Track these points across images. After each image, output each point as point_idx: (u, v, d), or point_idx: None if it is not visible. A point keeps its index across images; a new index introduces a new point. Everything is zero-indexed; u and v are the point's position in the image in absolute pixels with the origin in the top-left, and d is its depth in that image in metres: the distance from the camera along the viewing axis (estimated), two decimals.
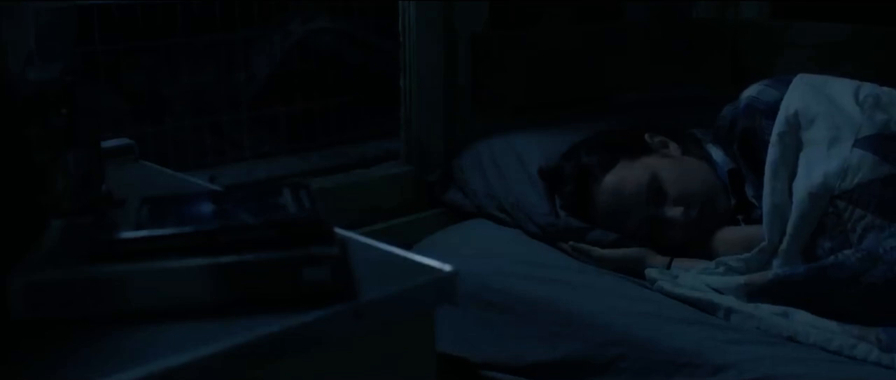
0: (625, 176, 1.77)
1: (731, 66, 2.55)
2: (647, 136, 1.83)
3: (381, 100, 2.22)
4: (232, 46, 2.11)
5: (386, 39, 2.19)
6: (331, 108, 2.21)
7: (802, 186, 1.58)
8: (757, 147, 1.70)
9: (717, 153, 1.81)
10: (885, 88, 1.72)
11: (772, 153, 1.64)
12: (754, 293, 1.55)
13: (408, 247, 1.32)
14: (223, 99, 2.14)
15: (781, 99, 1.70)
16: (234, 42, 2.10)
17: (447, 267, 0.89)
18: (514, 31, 2.30)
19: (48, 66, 1.02)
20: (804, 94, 1.68)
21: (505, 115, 2.24)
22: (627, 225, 1.77)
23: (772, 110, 1.69)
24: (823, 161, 1.58)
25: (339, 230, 0.92)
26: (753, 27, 2.57)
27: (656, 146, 1.81)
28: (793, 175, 1.62)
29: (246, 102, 2.19)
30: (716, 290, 1.60)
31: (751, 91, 1.76)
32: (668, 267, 1.71)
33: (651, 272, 1.68)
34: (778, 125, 1.65)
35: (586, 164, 1.81)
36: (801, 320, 1.49)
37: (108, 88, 1.91)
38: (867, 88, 1.70)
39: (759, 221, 1.65)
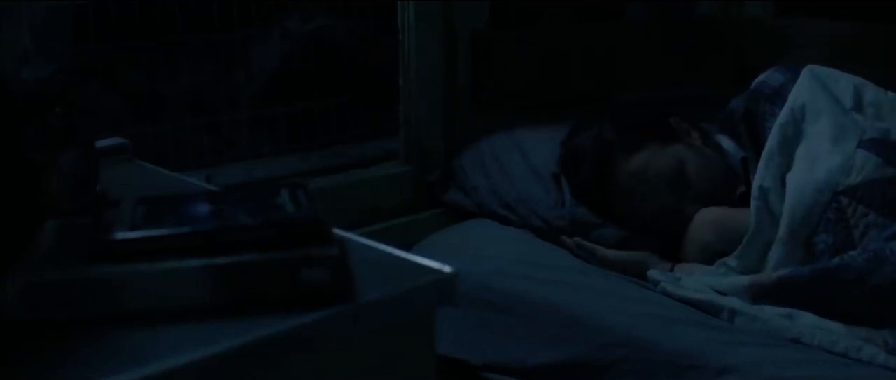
0: (652, 160, 1.75)
1: (733, 66, 2.54)
2: (672, 120, 1.81)
3: (381, 99, 2.21)
4: (231, 46, 2.10)
5: (386, 38, 2.18)
6: (330, 107, 2.20)
7: (803, 177, 1.58)
8: (758, 131, 1.71)
9: (726, 142, 1.81)
10: (891, 94, 1.72)
11: (770, 141, 1.65)
12: (759, 295, 1.54)
13: (407, 248, 1.31)
14: (222, 98, 2.13)
15: (786, 84, 1.71)
16: (233, 41, 2.09)
17: (447, 268, 0.89)
18: (514, 31, 2.29)
19: (44, 66, 1.01)
20: (812, 88, 1.68)
21: (505, 114, 2.23)
22: (641, 209, 1.76)
23: (776, 95, 1.71)
24: (827, 156, 1.58)
25: (337, 231, 0.91)
26: (757, 26, 2.56)
27: (682, 133, 1.80)
28: (787, 165, 1.62)
29: (245, 101, 2.18)
30: (719, 292, 1.59)
31: (761, 76, 1.78)
32: (671, 271, 1.70)
33: (654, 274, 1.67)
34: (782, 116, 1.66)
35: (610, 140, 1.79)
36: (806, 322, 1.48)
37: (105, 88, 1.90)
38: (870, 95, 1.70)
39: None
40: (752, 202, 1.62)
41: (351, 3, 2.31)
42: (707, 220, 1.70)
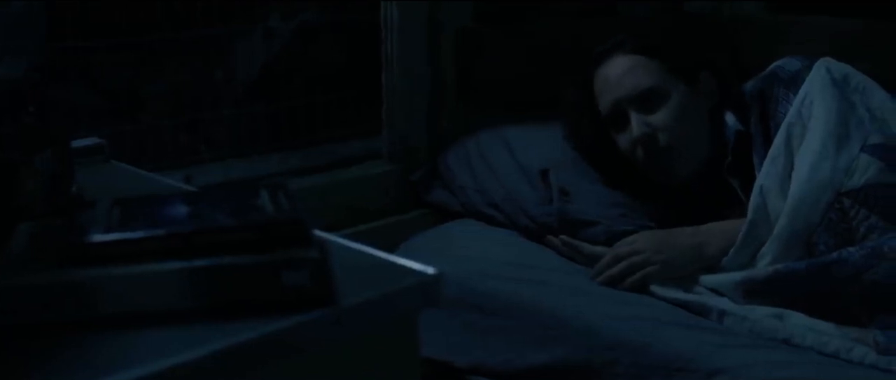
0: (642, 66, 1.76)
1: (728, 64, 2.52)
2: (704, 74, 1.80)
3: (365, 97, 2.19)
4: (212, 43, 2.08)
5: (367, 35, 2.16)
6: (312, 106, 2.18)
7: (807, 175, 1.57)
8: (769, 113, 1.71)
9: (729, 117, 1.79)
10: None
11: (776, 140, 1.64)
12: (752, 291, 1.54)
13: (391, 249, 1.29)
14: (204, 97, 2.11)
15: (801, 72, 1.71)
16: (214, 39, 2.07)
17: (431, 270, 0.88)
18: (502, 27, 2.27)
19: (18, 63, 0.99)
20: (823, 84, 1.68)
21: (491, 112, 2.21)
22: (599, 102, 1.78)
23: (791, 81, 1.71)
24: (832, 157, 1.57)
25: (319, 232, 0.90)
26: (753, 22, 2.55)
27: (702, 85, 1.79)
28: (791, 165, 1.62)
29: (227, 99, 2.16)
30: (713, 289, 1.58)
31: (777, 62, 1.79)
32: None
33: None
34: (790, 115, 1.66)
35: (625, 37, 1.81)
36: (797, 323, 1.47)
37: (82, 86, 1.88)
38: (879, 98, 1.69)
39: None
40: (752, 199, 1.61)
41: (335, 1, 2.29)
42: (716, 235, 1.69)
